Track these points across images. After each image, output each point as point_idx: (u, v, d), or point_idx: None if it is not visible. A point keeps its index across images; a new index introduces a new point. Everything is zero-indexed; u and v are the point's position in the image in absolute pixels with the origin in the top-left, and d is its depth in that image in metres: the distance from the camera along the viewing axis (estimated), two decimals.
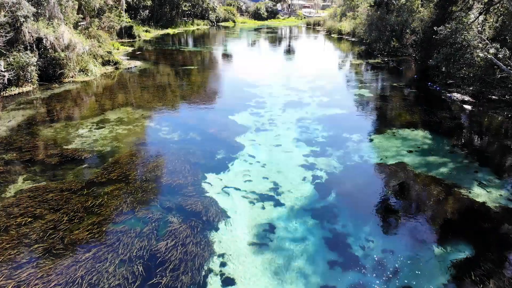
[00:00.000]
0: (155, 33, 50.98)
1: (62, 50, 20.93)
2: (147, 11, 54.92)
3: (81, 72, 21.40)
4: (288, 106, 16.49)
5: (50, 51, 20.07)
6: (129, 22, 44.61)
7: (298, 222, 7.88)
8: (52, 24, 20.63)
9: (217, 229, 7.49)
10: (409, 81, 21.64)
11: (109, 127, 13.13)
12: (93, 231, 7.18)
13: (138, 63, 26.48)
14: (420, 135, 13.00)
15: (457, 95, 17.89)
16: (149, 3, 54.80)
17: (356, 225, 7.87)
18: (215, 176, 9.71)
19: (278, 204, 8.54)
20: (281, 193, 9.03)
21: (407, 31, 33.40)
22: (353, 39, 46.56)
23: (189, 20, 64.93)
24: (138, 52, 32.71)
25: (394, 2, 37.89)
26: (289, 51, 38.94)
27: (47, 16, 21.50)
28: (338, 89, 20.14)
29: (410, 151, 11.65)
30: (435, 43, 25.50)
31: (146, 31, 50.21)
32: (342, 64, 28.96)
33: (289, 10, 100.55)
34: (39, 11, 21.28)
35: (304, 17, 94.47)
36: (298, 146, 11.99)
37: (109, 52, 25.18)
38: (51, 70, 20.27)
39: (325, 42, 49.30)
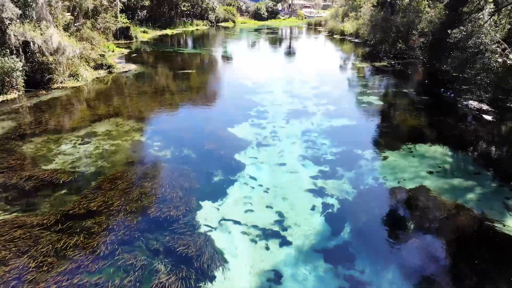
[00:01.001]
0: (153, 34, 49.71)
1: (51, 54, 19.69)
2: (145, 11, 53.62)
3: (71, 77, 20.14)
4: (292, 116, 15.25)
5: (37, 55, 18.82)
6: (126, 23, 43.32)
7: (308, 268, 6.63)
8: (40, 26, 19.38)
9: (212, 279, 6.25)
10: (420, 87, 20.39)
11: (95, 142, 11.88)
12: (62, 285, 5.93)
13: (133, 67, 25.22)
14: (439, 152, 11.75)
15: (473, 103, 16.63)
16: (147, 3, 53.52)
17: (375, 271, 6.62)
18: (211, 205, 8.46)
19: (284, 243, 7.29)
20: (288, 227, 7.78)
21: (414, 32, 32.18)
22: (356, 40, 45.29)
23: (188, 20, 63.64)
24: (134, 55, 31.47)
25: (398, 2, 36.72)
26: (291, 53, 37.69)
27: (35, 18, 20.25)
28: (345, 96, 18.89)
29: (431, 172, 10.40)
30: (445, 46, 24.29)
31: (144, 32, 48.95)
32: (346, 68, 27.70)
33: (290, 10, 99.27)
34: (27, 13, 20.03)
35: (305, 17, 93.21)
36: (304, 165, 10.75)
37: (102, 55, 23.93)
38: (38, 75, 19.03)
39: (327, 43, 48.04)
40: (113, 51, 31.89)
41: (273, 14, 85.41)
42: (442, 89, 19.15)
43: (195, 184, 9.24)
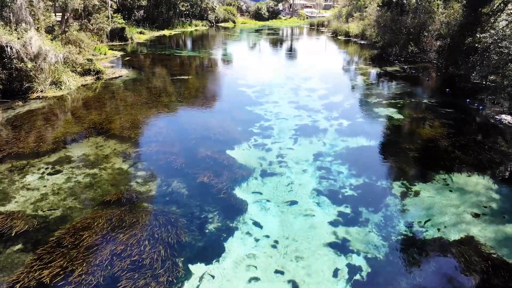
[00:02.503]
0: (150, 34, 47.74)
1: (31, 60, 17.70)
2: (142, 11, 51.63)
3: (53, 85, 18.15)
4: (301, 133, 13.25)
5: (15, 62, 16.83)
6: (122, 23, 41.34)
7: None
8: (17, 29, 17.39)
9: None
10: (441, 97, 18.35)
11: (67, 172, 9.89)
12: None
13: (124, 72, 23.23)
14: (482, 185, 9.74)
15: (507, 118, 14.61)
16: (144, 3, 51.54)
17: None
18: (204, 271, 6.46)
19: None
20: None
21: (425, 33, 30.19)
22: (362, 42, 43.29)
23: (187, 20, 61.66)
24: (128, 58, 29.47)
25: (405, 1, 34.72)
26: (294, 56, 35.70)
27: (13, 19, 18.26)
28: (358, 108, 16.87)
29: (476, 215, 8.41)
30: (467, 50, 22.28)
31: (141, 32, 46.98)
32: (356, 73, 25.67)
33: (291, 10, 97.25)
34: (4, 14, 18.06)
35: (307, 18, 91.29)
36: (320, 204, 8.74)
37: (90, 60, 21.94)
38: (16, 84, 17.07)
39: (332, 45, 46.04)
40: (105, 54, 29.94)
41: (274, 14, 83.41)
42: (468, 100, 17.12)
43: (183, 237, 7.23)
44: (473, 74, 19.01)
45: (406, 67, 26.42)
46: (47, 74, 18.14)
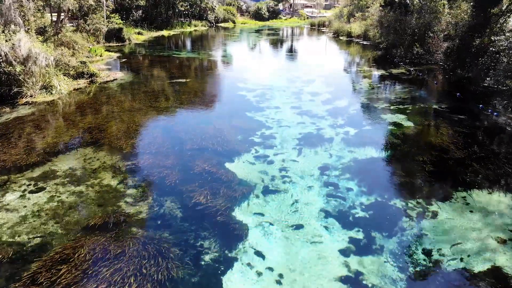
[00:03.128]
0: (148, 35, 46.91)
1: (20, 63, 16.87)
2: (140, 11, 50.76)
3: (44, 90, 17.30)
4: (305, 143, 12.39)
5: (3, 65, 16.00)
6: (119, 23, 40.51)
7: None
8: (5, 31, 16.53)
9: None
10: (452, 101, 17.46)
11: (51, 189, 9.03)
12: None
13: (119, 75, 22.38)
14: (505, 204, 8.88)
15: None
16: (142, 2, 50.68)
17: None
18: None
19: None
20: None
21: (430, 34, 29.31)
22: (364, 43, 42.43)
23: (186, 20, 60.82)
24: (124, 60, 28.62)
25: (409, 1, 33.86)
26: (296, 58, 34.84)
27: (2, 20, 17.41)
28: (365, 114, 16.00)
29: (503, 241, 7.54)
30: (475, 51, 21.41)
31: (139, 33, 46.14)
32: (360, 75, 24.78)
33: (291, 10, 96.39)
34: None
35: (307, 18, 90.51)
36: (328, 228, 7.88)
37: (83, 63, 21.07)
38: (5, 88, 16.24)
39: (334, 46, 45.19)
40: (101, 56, 29.10)
41: (274, 14, 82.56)
42: (480, 105, 16.25)
43: (175, 271, 6.37)
44: (488, 79, 18.13)
45: (412, 69, 25.54)
46: (37, 78, 17.29)
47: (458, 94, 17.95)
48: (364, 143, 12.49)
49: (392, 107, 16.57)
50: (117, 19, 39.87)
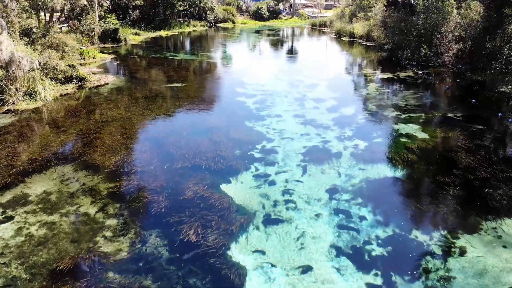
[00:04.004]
0: (145, 36, 45.74)
1: (3, 68, 15.69)
2: (138, 11, 49.56)
3: (28, 96, 16.08)
4: (310, 159, 11.16)
5: None
6: (115, 24, 39.30)
7: None
8: None
9: None
10: (467, 109, 16.18)
11: (20, 219, 7.82)
12: None
13: (111, 79, 21.16)
14: None
15: None
16: (139, 2, 49.45)
17: None
18: None
19: None
20: None
21: (437, 35, 28.09)
22: (368, 44, 41.17)
23: (185, 21, 59.62)
24: (117, 62, 27.40)
25: (413, 1, 32.62)
26: (298, 60, 33.59)
27: None
28: (375, 124, 14.74)
29: None
30: (488, 54, 20.19)
31: (136, 33, 44.95)
32: (367, 79, 23.53)
33: (292, 10, 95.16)
34: None
35: (308, 18, 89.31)
36: (341, 270, 6.65)
37: (72, 66, 19.85)
38: None
39: (337, 47, 43.96)
40: (94, 58, 27.90)
41: (274, 14, 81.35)
42: (500, 114, 15.01)
43: None
44: (509, 86, 16.91)
45: (420, 72, 24.29)
46: (21, 84, 16.08)
47: (473, 100, 16.70)
48: (376, 159, 11.25)
49: (403, 116, 15.33)
50: (113, 19, 38.65)
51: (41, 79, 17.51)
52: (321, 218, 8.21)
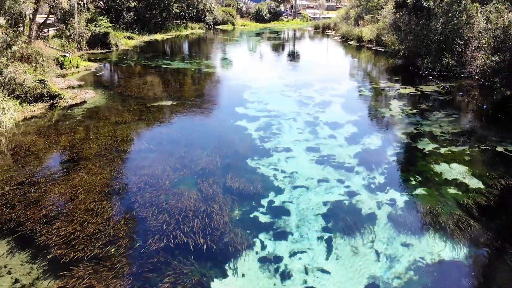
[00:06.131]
0: (139, 40, 42.90)
1: None
2: (132, 13, 46.64)
3: None
4: (334, 225, 8.19)
5: None
6: (107, 27, 36.44)
7: None
8: None
9: None
10: None
11: None
12: None
13: (90, 95, 18.23)
14: None
15: None
16: (134, 4, 46.54)
17: None
18: None
19: None
20: None
21: (459, 42, 25.10)
22: (378, 49, 38.23)
23: (182, 23, 56.71)
24: (102, 72, 24.46)
25: (424, 3, 29.67)
26: (304, 69, 30.58)
27: None
28: (411, 166, 11.67)
29: None
30: None
31: (129, 37, 42.07)
32: (387, 95, 20.43)
33: (293, 11, 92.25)
34: None
35: (310, 19, 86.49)
36: None
37: (43, 82, 16.88)
38: None
39: (345, 53, 40.99)
40: (77, 67, 25.01)
41: (275, 15, 78.47)
42: None
43: None
44: None
45: (447, 86, 21.28)
46: None
47: None
48: (424, 227, 8.25)
49: (443, 151, 12.30)
50: (105, 22, 35.78)
51: (3, 99, 14.61)
52: None
